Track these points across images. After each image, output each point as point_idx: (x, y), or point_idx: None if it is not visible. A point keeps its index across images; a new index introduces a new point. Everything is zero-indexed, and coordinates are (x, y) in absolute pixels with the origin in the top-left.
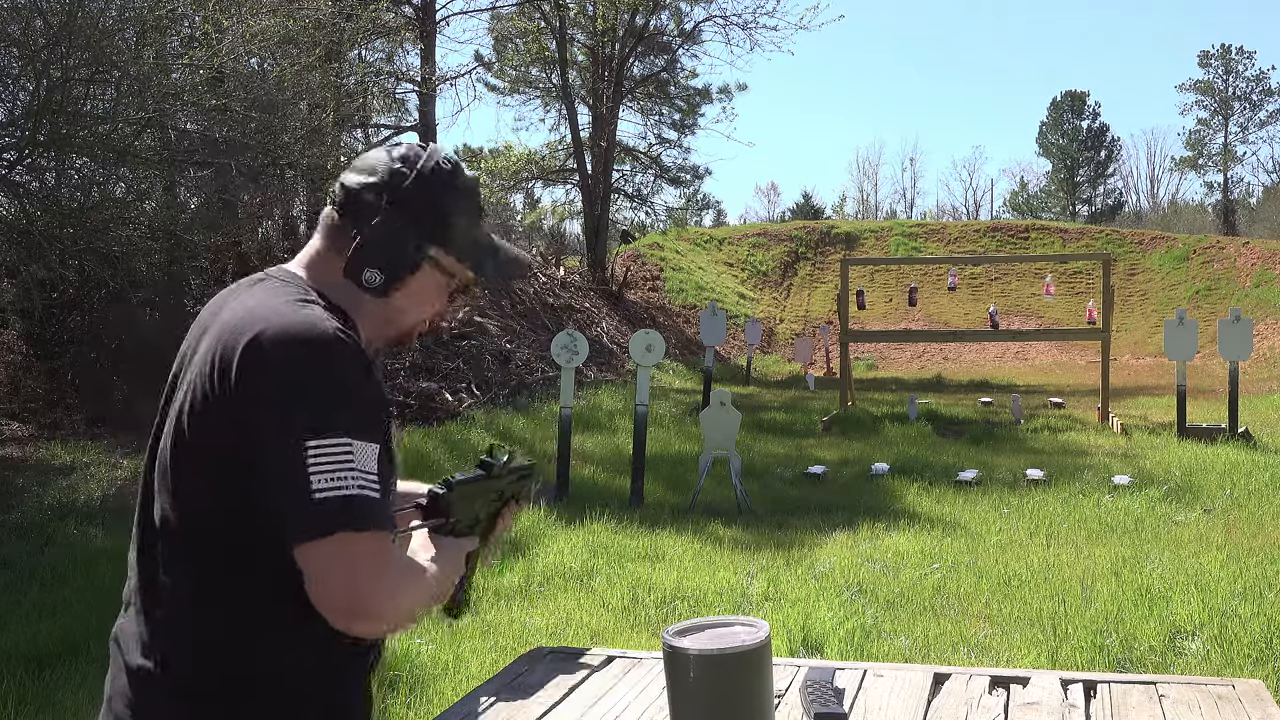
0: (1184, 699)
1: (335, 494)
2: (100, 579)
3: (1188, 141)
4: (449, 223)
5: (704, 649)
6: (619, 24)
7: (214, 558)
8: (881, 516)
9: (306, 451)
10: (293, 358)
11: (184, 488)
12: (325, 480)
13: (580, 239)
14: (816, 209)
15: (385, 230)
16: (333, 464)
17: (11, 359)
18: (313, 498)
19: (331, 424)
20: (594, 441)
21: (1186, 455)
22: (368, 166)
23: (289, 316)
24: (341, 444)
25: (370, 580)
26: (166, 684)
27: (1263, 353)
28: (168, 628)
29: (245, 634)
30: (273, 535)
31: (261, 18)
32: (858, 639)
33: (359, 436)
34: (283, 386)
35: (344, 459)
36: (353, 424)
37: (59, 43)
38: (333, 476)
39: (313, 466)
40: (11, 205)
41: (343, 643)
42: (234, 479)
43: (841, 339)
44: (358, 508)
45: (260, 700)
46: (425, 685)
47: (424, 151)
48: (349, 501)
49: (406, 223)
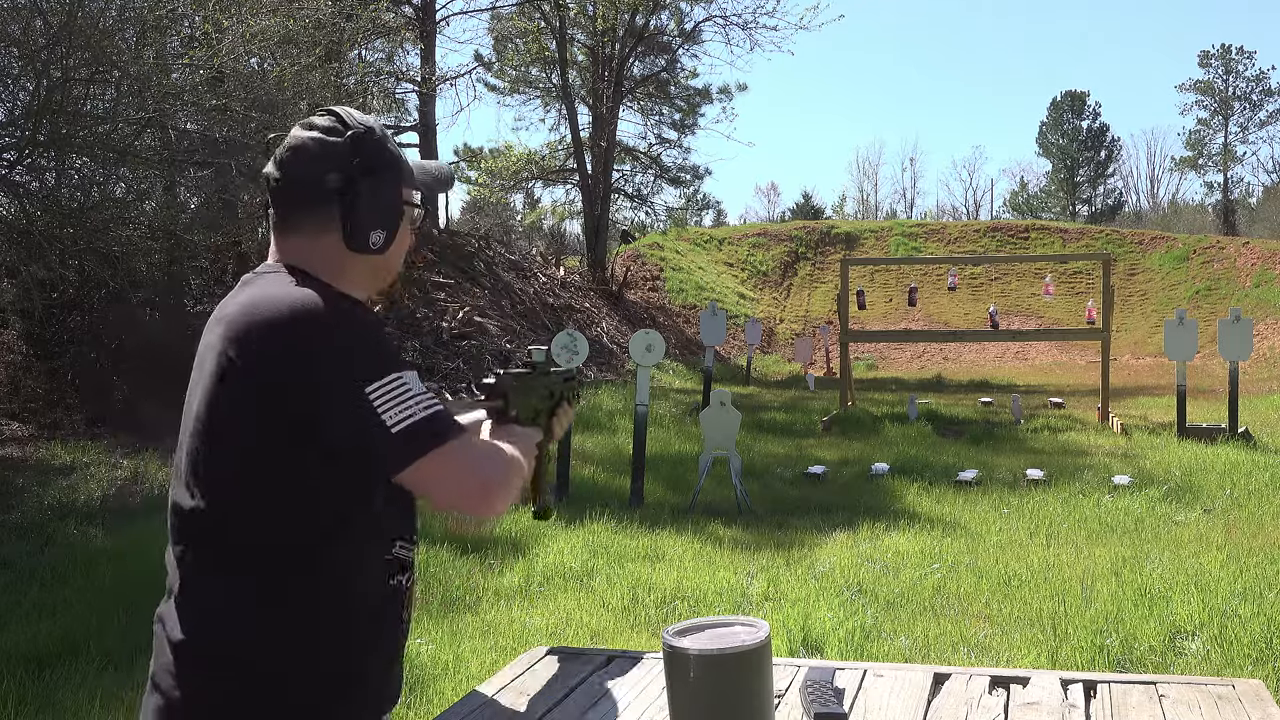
0: (1184, 699)
1: (408, 422)
2: (100, 579)
3: (1188, 141)
4: (402, 163)
5: (704, 649)
6: (619, 24)
7: (239, 539)
8: (881, 516)
9: (368, 398)
10: (311, 327)
11: (210, 476)
12: (395, 414)
13: (580, 239)
14: (816, 209)
15: (371, 194)
16: (395, 398)
17: (11, 359)
18: (392, 433)
19: (377, 366)
20: (594, 441)
21: (1186, 455)
22: (311, 153)
23: (293, 294)
24: (394, 379)
25: (472, 478)
26: (206, 655)
27: (1263, 353)
28: (201, 603)
29: (269, 605)
30: (296, 514)
31: (261, 18)
32: (858, 639)
33: (402, 368)
34: (316, 354)
35: (401, 391)
36: (391, 360)
37: (59, 43)
38: (401, 409)
39: (381, 408)
40: (11, 205)
41: (363, 614)
42: (261, 461)
43: (841, 339)
44: (435, 426)
45: (288, 669)
46: (425, 685)
47: (341, 116)
48: (424, 424)
49: (382, 181)
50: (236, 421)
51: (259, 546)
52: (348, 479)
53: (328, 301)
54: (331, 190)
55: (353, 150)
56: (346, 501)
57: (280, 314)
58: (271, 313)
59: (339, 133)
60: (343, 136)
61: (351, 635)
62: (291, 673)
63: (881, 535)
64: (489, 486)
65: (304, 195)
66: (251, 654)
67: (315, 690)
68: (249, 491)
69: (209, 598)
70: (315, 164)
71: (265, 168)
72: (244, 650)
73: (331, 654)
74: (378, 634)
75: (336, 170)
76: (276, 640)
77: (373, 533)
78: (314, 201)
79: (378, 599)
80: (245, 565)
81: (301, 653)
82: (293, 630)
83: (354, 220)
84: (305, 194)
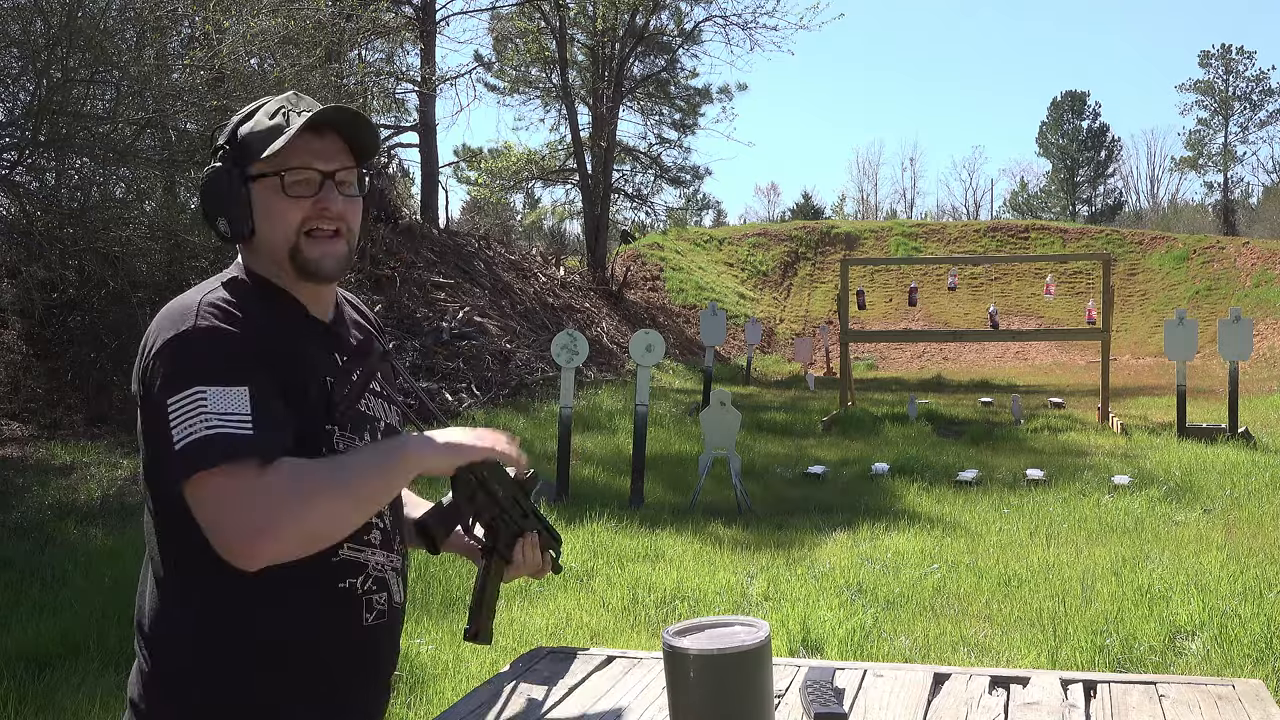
0: (1184, 699)
1: (188, 439)
2: (100, 579)
3: (1188, 141)
4: (246, 140)
5: (704, 649)
6: (619, 24)
7: (165, 542)
8: (881, 516)
9: (167, 410)
10: (160, 336)
11: (148, 483)
12: (181, 430)
13: (580, 239)
14: (816, 209)
15: (207, 187)
16: (186, 414)
17: (11, 359)
18: (174, 448)
19: (182, 379)
20: (594, 441)
21: (1186, 455)
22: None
23: (171, 305)
24: (193, 394)
25: (237, 511)
26: (145, 662)
27: (1263, 353)
28: (147, 603)
29: (205, 602)
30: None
31: (262, 18)
32: (858, 639)
33: (214, 383)
34: (153, 364)
35: (195, 407)
36: (205, 373)
37: (59, 43)
38: (187, 425)
39: (173, 421)
40: (11, 205)
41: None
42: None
43: (841, 339)
44: (210, 446)
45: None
46: (425, 685)
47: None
48: (202, 443)
49: (217, 170)
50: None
51: (175, 549)
52: None
53: (183, 307)
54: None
55: (211, 155)
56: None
57: (153, 326)
58: (153, 327)
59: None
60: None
61: (282, 653)
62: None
63: (881, 535)
64: (251, 532)
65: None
66: (189, 681)
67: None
68: (156, 493)
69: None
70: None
71: None
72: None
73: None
74: (317, 644)
75: (206, 179)
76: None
77: None
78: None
79: (314, 607)
80: (171, 570)
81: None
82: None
83: (206, 217)
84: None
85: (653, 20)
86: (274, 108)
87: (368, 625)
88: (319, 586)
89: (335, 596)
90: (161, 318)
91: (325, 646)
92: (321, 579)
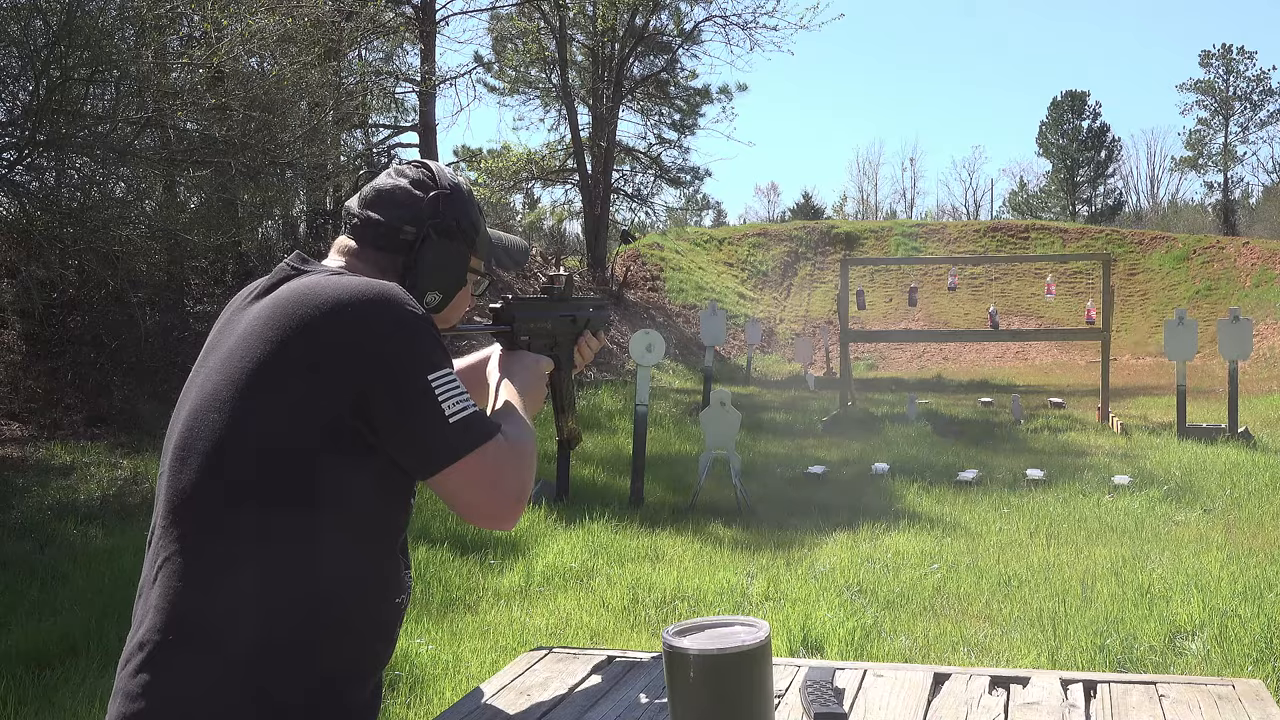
0: (1184, 699)
1: (461, 414)
2: (100, 579)
3: (1188, 141)
4: (478, 233)
5: (704, 649)
6: (619, 24)
7: (258, 514)
8: (881, 516)
9: (432, 385)
10: (391, 314)
11: (229, 459)
12: (453, 405)
13: (580, 239)
14: (816, 209)
15: (438, 258)
16: (450, 392)
17: (11, 359)
18: (449, 423)
19: (439, 359)
20: (594, 441)
21: (1186, 455)
22: (394, 200)
23: (360, 281)
24: (448, 374)
25: (508, 478)
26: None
27: (1263, 353)
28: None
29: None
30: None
31: (261, 17)
32: (858, 639)
33: (450, 365)
34: (382, 337)
35: (454, 386)
36: (445, 356)
37: (59, 42)
38: (457, 401)
39: (441, 397)
40: (11, 205)
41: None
42: (299, 437)
43: (841, 339)
44: (485, 421)
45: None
46: (425, 685)
47: (434, 173)
48: (479, 418)
49: (453, 246)
50: (272, 393)
51: (267, 520)
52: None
53: (396, 289)
54: (403, 241)
55: (433, 208)
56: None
57: (350, 296)
58: (337, 294)
59: (426, 188)
60: (427, 193)
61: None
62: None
63: (881, 535)
64: (517, 498)
65: (378, 238)
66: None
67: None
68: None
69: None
70: (395, 211)
71: (349, 201)
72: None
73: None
74: (376, 617)
75: (413, 223)
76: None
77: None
78: (385, 248)
79: (388, 578)
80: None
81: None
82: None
83: (415, 277)
84: (380, 237)
85: (653, 20)
86: (480, 209)
87: (397, 604)
88: (396, 558)
89: (393, 567)
90: (358, 292)
91: (371, 620)
92: (397, 551)
